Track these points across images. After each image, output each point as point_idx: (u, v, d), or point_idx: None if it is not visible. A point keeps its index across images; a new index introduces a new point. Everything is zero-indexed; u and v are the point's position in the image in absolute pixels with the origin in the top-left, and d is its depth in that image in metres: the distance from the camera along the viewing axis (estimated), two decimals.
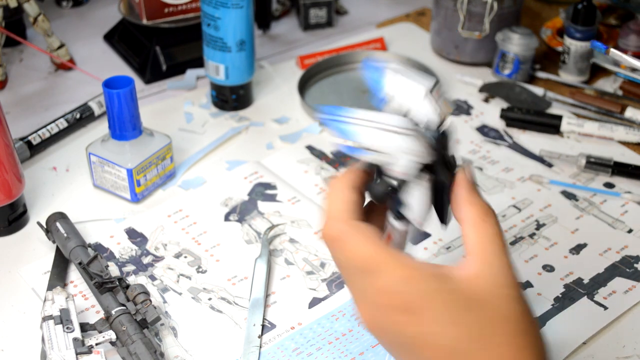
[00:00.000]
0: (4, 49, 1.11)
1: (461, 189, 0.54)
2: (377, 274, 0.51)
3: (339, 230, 0.53)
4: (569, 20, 1.04)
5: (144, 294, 0.70)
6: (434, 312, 0.50)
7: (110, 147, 0.86)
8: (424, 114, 0.54)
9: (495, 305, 0.50)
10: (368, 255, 0.52)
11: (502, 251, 0.52)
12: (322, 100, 1.04)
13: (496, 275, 0.51)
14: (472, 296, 0.50)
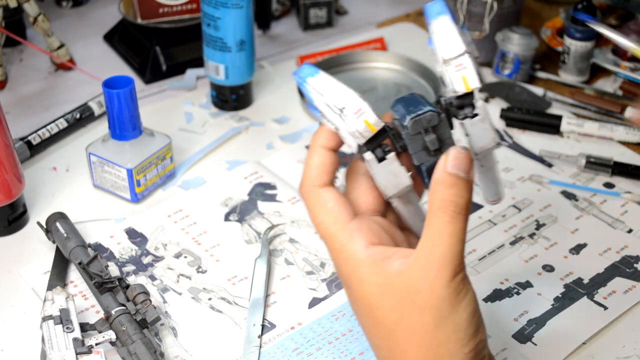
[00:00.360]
0: (4, 49, 1.11)
1: (435, 174, 0.53)
2: (327, 242, 0.55)
3: (304, 195, 0.57)
4: (569, 20, 1.04)
5: (144, 294, 0.70)
6: (358, 299, 0.54)
7: (110, 147, 0.86)
8: None
9: (404, 312, 0.52)
10: (321, 223, 0.55)
11: (440, 255, 0.51)
12: None
13: (416, 279, 0.51)
14: (388, 296, 0.52)
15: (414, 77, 1.08)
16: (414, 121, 0.53)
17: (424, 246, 0.52)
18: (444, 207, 0.51)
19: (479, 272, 0.79)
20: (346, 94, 0.54)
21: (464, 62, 0.54)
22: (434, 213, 0.52)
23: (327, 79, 0.55)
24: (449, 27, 0.55)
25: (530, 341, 0.71)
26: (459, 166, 0.52)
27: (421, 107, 0.53)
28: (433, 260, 0.51)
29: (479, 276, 0.78)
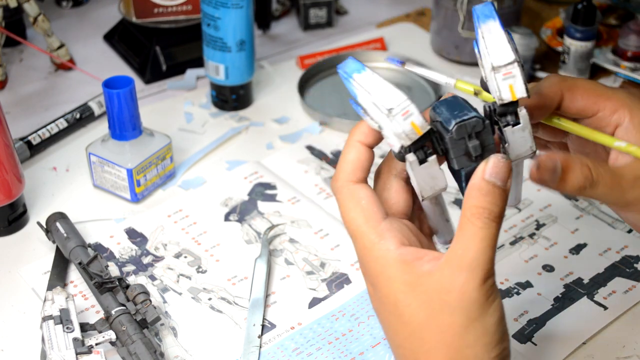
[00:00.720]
0: (4, 49, 1.11)
1: (472, 180, 0.53)
2: (357, 241, 0.55)
3: (337, 189, 0.56)
4: (569, 20, 1.04)
5: (144, 294, 0.70)
6: (386, 297, 0.53)
7: (110, 147, 0.86)
8: None
9: (434, 311, 0.52)
10: (352, 221, 0.55)
11: (471, 257, 0.52)
12: (322, 100, 1.04)
13: (447, 280, 0.52)
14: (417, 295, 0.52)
15: (414, 77, 1.08)
16: (459, 126, 0.53)
17: (456, 249, 0.52)
18: (478, 214, 0.52)
19: None
20: (394, 94, 0.54)
21: (513, 70, 0.53)
22: (468, 218, 0.53)
23: (374, 77, 0.55)
24: (498, 32, 0.54)
25: (530, 341, 0.71)
26: (497, 174, 0.52)
27: (466, 112, 0.53)
28: (465, 263, 0.52)
29: None
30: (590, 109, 0.59)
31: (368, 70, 0.56)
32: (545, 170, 0.55)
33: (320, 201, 0.88)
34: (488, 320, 0.52)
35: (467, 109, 0.54)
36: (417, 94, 1.05)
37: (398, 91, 0.54)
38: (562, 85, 0.60)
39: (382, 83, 0.55)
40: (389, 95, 0.54)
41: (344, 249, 0.81)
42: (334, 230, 0.83)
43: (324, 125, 0.99)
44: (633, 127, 0.58)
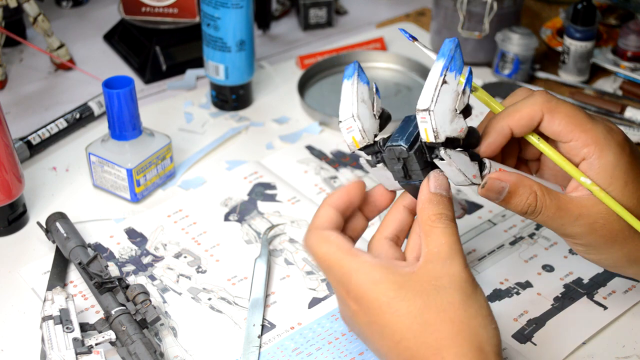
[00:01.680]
0: (4, 49, 1.11)
1: (421, 195, 0.61)
2: (340, 272, 0.59)
3: (308, 238, 0.62)
4: (568, 20, 1.04)
5: (143, 294, 0.70)
6: (375, 301, 0.57)
7: (110, 147, 0.86)
8: None
9: (430, 296, 0.56)
10: (331, 256, 0.60)
11: (446, 250, 0.58)
12: (322, 100, 1.04)
13: (434, 270, 0.57)
14: (409, 287, 0.57)
15: (414, 77, 1.08)
16: (388, 150, 0.61)
17: (430, 249, 0.58)
18: (437, 219, 0.59)
19: (479, 272, 0.79)
20: (346, 109, 0.63)
21: (426, 117, 0.58)
22: (430, 225, 0.59)
23: (350, 87, 0.63)
24: (434, 76, 0.58)
25: (530, 341, 0.71)
26: (440, 186, 0.61)
27: (402, 138, 0.61)
28: (443, 254, 0.58)
29: (479, 276, 0.78)
30: (565, 136, 0.62)
31: (353, 79, 0.63)
32: (491, 191, 0.62)
33: (320, 201, 0.87)
34: (480, 296, 0.57)
35: (408, 134, 0.61)
36: (417, 94, 1.05)
37: (352, 107, 0.62)
38: (544, 106, 0.63)
39: (349, 95, 0.63)
40: (344, 108, 0.63)
41: None
42: None
43: (323, 125, 0.99)
44: (597, 166, 0.62)
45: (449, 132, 0.59)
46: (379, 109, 0.64)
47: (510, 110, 0.64)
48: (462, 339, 0.55)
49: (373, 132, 0.63)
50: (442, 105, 0.58)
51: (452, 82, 0.58)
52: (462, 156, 0.60)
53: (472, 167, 0.61)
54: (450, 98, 0.58)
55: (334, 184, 0.90)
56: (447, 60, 0.58)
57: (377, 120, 0.64)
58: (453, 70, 0.58)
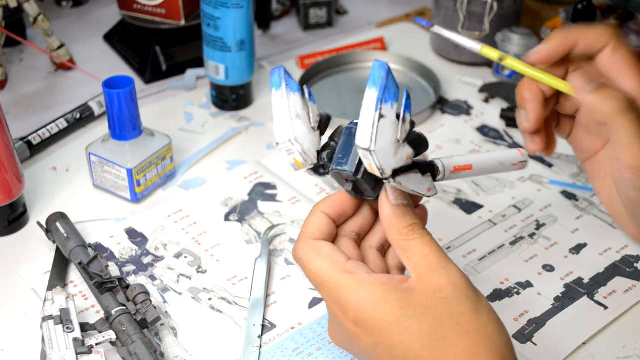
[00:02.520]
0: (4, 49, 1.11)
1: (383, 212, 0.58)
2: (335, 290, 0.56)
3: (299, 249, 0.59)
4: (569, 20, 1.04)
5: (144, 294, 0.70)
6: (382, 322, 0.54)
7: (110, 147, 0.86)
8: None
9: (439, 310, 0.53)
10: (325, 273, 0.57)
11: (436, 260, 0.55)
12: (322, 100, 1.04)
13: (433, 282, 0.54)
14: (416, 303, 0.54)
15: (414, 77, 1.08)
16: (334, 172, 0.59)
17: (418, 263, 0.55)
18: (410, 230, 0.57)
19: (479, 272, 0.79)
20: (283, 131, 0.58)
21: (368, 155, 0.54)
22: (405, 239, 0.56)
23: (281, 101, 0.58)
24: (369, 110, 0.54)
25: (530, 341, 0.71)
26: (399, 196, 0.58)
27: (346, 161, 0.58)
28: (435, 265, 0.55)
29: (479, 276, 0.78)
30: (619, 72, 0.64)
31: (281, 90, 0.59)
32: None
33: None
34: (485, 300, 0.55)
35: (353, 156, 0.58)
36: (417, 94, 1.05)
37: (288, 128, 0.58)
38: (613, 38, 0.63)
39: (281, 112, 0.58)
40: (280, 130, 0.59)
41: None
42: None
43: None
44: None
45: (394, 165, 0.55)
46: (317, 116, 0.60)
47: (580, 28, 0.63)
48: (483, 349, 0.53)
49: (315, 149, 0.60)
50: (383, 141, 0.54)
51: (390, 114, 0.54)
52: (413, 176, 0.58)
53: (425, 182, 0.59)
54: (390, 131, 0.54)
55: (334, 184, 0.90)
56: (380, 91, 0.54)
57: (317, 132, 0.60)
58: (388, 100, 0.54)
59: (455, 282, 0.54)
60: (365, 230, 0.63)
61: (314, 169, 0.61)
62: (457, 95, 1.05)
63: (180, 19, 1.06)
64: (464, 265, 0.79)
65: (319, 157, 0.60)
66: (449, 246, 0.82)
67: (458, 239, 0.82)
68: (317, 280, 0.57)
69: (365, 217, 0.63)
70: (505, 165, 0.64)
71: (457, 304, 0.54)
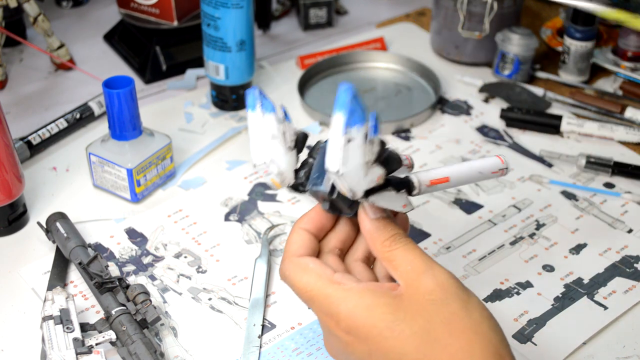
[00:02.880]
0: (4, 49, 1.11)
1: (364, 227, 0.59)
2: (326, 303, 0.56)
3: (285, 268, 0.60)
4: (569, 20, 1.04)
5: (144, 294, 0.70)
6: (373, 327, 0.54)
7: (110, 147, 0.86)
8: None
9: (430, 312, 0.54)
10: (313, 286, 0.57)
11: (421, 264, 0.56)
12: (322, 100, 1.04)
13: (421, 286, 0.55)
14: (406, 308, 0.54)
15: (414, 77, 1.08)
16: (311, 192, 0.60)
17: (405, 270, 0.56)
18: (393, 242, 0.58)
19: (479, 272, 0.79)
20: (260, 152, 0.60)
21: (336, 178, 0.55)
22: (389, 250, 0.57)
23: (256, 124, 0.59)
24: (337, 134, 0.54)
25: (530, 341, 0.71)
26: (377, 211, 0.59)
27: (322, 181, 0.58)
28: (421, 269, 0.55)
29: (479, 276, 0.78)
30: None
31: (256, 111, 0.60)
32: None
33: None
34: (476, 298, 0.55)
35: None
36: (417, 94, 1.05)
37: (263, 150, 0.59)
38: None
39: (257, 134, 0.60)
40: (256, 152, 0.60)
41: None
42: None
43: (324, 125, 0.99)
44: None
45: (365, 186, 0.56)
46: (292, 135, 0.60)
47: None
48: (477, 347, 0.53)
49: (292, 168, 0.60)
50: (352, 164, 0.54)
51: (357, 137, 0.54)
52: (387, 194, 0.58)
53: (399, 199, 0.59)
54: (358, 154, 0.54)
55: None
56: (347, 116, 0.54)
57: (294, 151, 0.60)
58: (355, 124, 0.54)
59: (443, 283, 0.55)
60: (347, 244, 0.63)
61: (293, 186, 0.62)
62: (457, 95, 1.05)
63: (172, 20, 1.06)
64: (464, 265, 0.79)
65: (297, 176, 0.61)
66: (449, 246, 0.82)
67: (458, 239, 0.82)
68: (307, 295, 0.58)
69: (346, 231, 0.63)
70: (484, 174, 0.64)
71: (447, 304, 0.54)
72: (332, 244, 0.62)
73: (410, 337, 0.53)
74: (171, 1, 1.04)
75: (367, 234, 0.59)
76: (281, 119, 0.60)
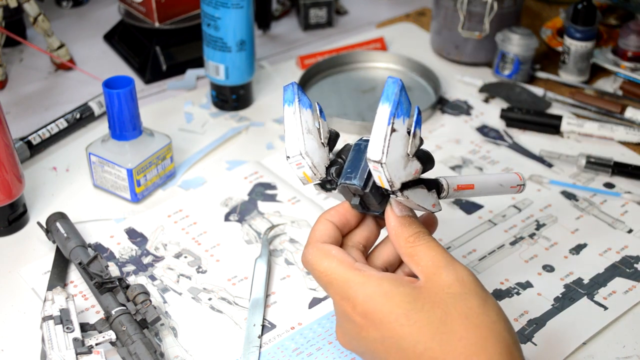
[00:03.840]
0: (4, 49, 1.11)
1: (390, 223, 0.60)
2: (344, 287, 0.58)
3: (308, 253, 0.61)
4: (569, 20, 1.04)
5: (144, 294, 0.70)
6: (390, 314, 0.55)
7: (110, 147, 0.86)
8: None
9: (448, 304, 0.55)
10: (333, 270, 0.59)
11: (442, 259, 0.57)
12: (322, 100, 1.04)
13: (441, 279, 0.56)
14: (425, 298, 0.56)
15: (414, 77, 1.08)
16: (342, 186, 0.61)
17: (426, 265, 0.58)
18: (416, 239, 0.59)
19: (479, 272, 0.79)
20: (294, 145, 0.61)
21: (379, 167, 0.57)
22: (412, 246, 0.59)
23: (293, 117, 0.61)
24: (382, 124, 0.56)
25: (530, 341, 0.71)
26: (403, 209, 0.61)
27: (355, 175, 0.60)
28: (442, 265, 0.57)
29: (479, 276, 0.78)
30: None
31: (294, 106, 0.62)
32: None
33: (320, 201, 0.88)
34: (493, 299, 0.56)
35: (362, 170, 0.60)
36: (417, 93, 1.05)
37: (299, 142, 0.61)
38: None
39: (293, 127, 0.61)
40: (291, 144, 0.62)
41: None
42: None
43: None
44: None
45: (403, 178, 0.58)
46: (326, 133, 0.63)
47: None
48: (491, 344, 0.54)
49: (324, 164, 0.62)
50: (394, 154, 0.57)
51: (401, 129, 0.57)
52: (419, 191, 0.60)
53: (430, 198, 0.61)
54: (401, 145, 0.57)
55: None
56: (394, 106, 0.56)
57: (327, 147, 0.63)
58: (400, 115, 0.56)
59: (462, 278, 0.56)
60: (370, 243, 0.65)
61: (321, 184, 0.64)
62: (457, 95, 1.05)
63: (154, 21, 1.06)
64: None
65: (328, 172, 0.63)
66: (449, 246, 0.82)
67: (458, 239, 0.82)
68: (326, 279, 0.59)
69: (371, 230, 0.65)
70: (504, 188, 0.67)
71: (465, 299, 0.55)
72: (355, 239, 0.64)
73: (425, 327, 0.55)
74: (152, 3, 1.04)
75: (392, 230, 0.60)
76: (317, 116, 0.63)
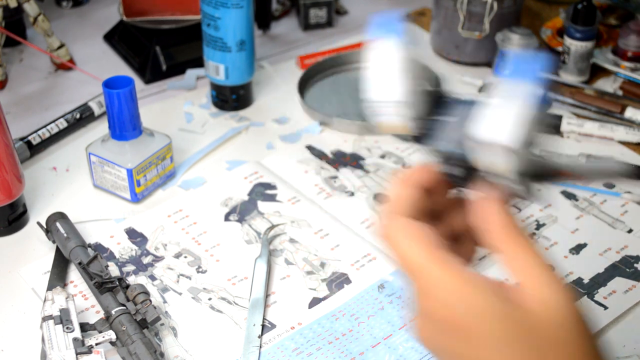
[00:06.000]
0: (4, 49, 1.11)
1: (483, 207, 0.49)
2: (425, 281, 0.48)
3: (388, 229, 0.50)
4: (569, 20, 1.04)
5: (144, 294, 0.70)
6: (485, 335, 0.46)
7: (110, 147, 0.86)
8: None
9: (558, 341, 0.46)
10: (416, 259, 0.48)
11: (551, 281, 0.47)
12: (322, 100, 1.04)
13: (558, 307, 0.46)
14: (530, 325, 0.46)
15: None
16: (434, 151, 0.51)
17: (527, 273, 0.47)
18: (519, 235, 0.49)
19: None
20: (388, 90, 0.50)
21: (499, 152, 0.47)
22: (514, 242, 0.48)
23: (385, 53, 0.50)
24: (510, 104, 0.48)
25: None
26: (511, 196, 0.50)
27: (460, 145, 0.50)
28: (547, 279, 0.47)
29: None
30: None
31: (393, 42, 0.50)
32: None
33: (320, 201, 0.88)
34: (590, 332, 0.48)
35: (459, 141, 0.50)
36: None
37: (396, 87, 0.50)
38: None
39: (386, 68, 0.50)
40: (382, 86, 0.50)
41: (344, 249, 0.81)
42: (334, 230, 0.83)
43: (324, 125, 0.99)
44: None
45: None
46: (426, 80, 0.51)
47: None
48: None
49: (418, 115, 0.51)
50: (517, 137, 0.47)
51: (528, 110, 0.48)
52: None
53: None
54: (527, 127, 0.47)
55: (334, 184, 0.90)
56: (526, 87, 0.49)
57: (424, 97, 0.51)
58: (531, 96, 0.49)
59: (572, 314, 0.46)
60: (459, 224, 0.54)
61: (416, 136, 0.51)
62: None
63: (131, 16, 1.08)
64: None
65: (424, 126, 0.51)
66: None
67: None
68: (406, 265, 0.49)
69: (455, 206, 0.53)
70: None
71: (571, 345, 0.46)
72: None
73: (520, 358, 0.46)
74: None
75: (489, 217, 0.49)
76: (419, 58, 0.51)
